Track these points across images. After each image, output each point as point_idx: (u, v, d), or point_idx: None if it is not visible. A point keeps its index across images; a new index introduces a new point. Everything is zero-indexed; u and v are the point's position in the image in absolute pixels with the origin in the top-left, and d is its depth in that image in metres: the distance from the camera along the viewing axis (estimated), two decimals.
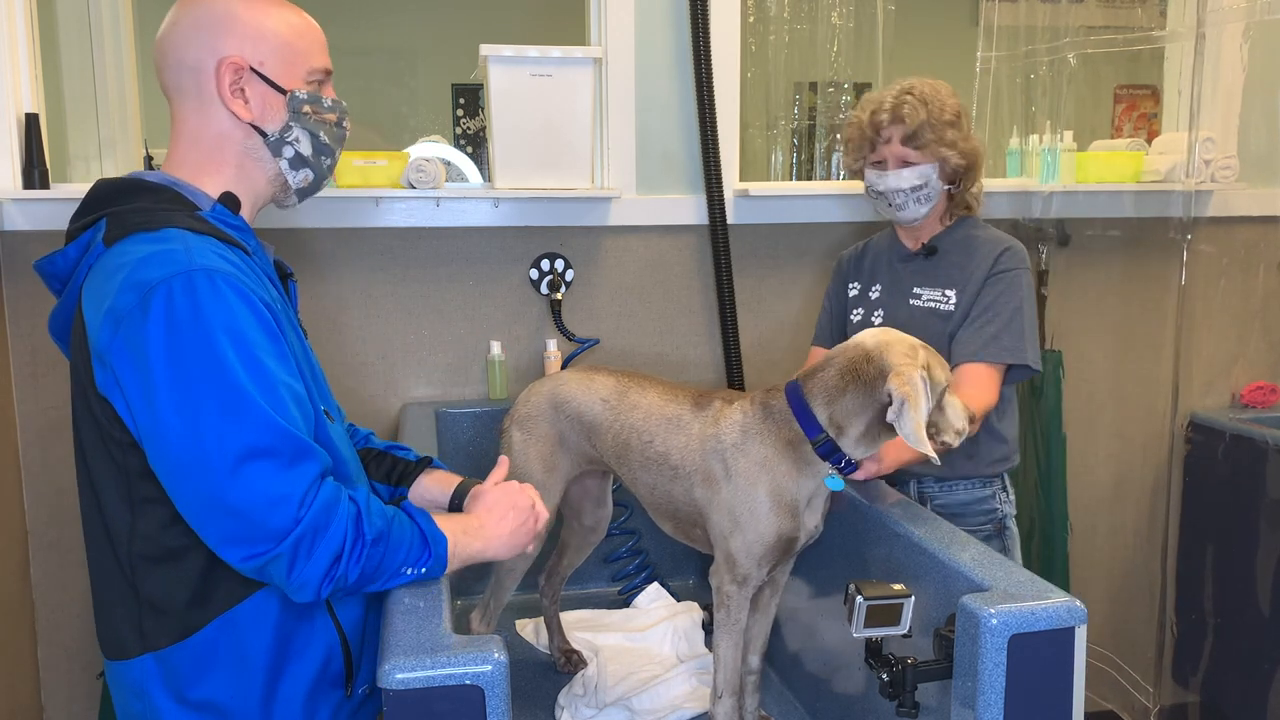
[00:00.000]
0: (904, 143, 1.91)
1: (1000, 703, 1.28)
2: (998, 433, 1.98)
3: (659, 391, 1.80)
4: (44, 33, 2.32)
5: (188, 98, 1.32)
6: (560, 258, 2.52)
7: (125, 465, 1.23)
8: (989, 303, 1.91)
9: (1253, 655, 2.56)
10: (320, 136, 1.38)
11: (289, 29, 1.33)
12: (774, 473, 1.61)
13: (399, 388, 2.50)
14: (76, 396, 1.27)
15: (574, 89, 2.32)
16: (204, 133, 1.32)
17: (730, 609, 1.68)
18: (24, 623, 2.34)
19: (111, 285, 1.19)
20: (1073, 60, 2.64)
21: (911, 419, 1.48)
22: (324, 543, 1.18)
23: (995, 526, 2.00)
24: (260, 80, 1.31)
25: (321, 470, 1.21)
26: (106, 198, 1.29)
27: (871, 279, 2.09)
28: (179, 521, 1.22)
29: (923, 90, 1.92)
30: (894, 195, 1.94)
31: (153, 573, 1.25)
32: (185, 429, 1.14)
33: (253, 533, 1.16)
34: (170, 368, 1.14)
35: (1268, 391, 2.83)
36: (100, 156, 2.69)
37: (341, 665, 1.35)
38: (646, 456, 1.75)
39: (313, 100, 1.36)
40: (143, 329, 1.15)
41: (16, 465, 2.32)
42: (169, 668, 1.26)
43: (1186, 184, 2.59)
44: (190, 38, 1.30)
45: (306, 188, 1.41)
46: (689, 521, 1.74)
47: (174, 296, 1.15)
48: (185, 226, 1.23)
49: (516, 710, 1.89)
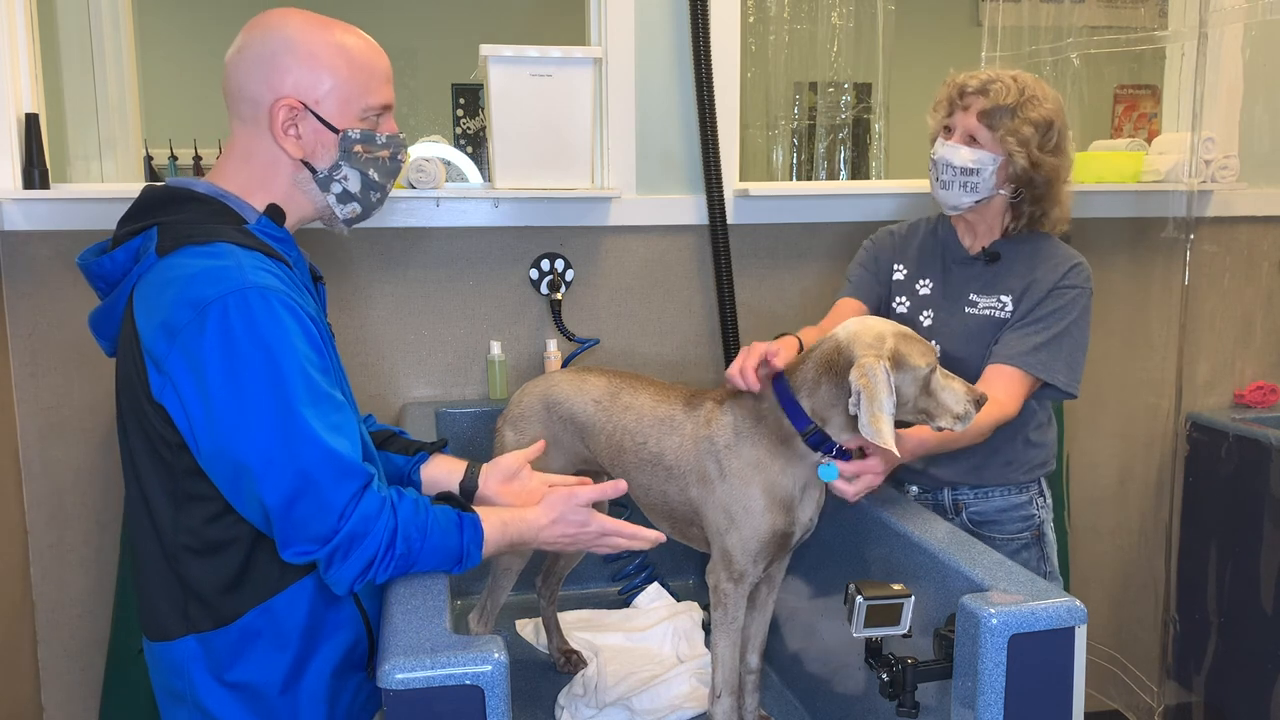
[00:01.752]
0: (979, 117, 1.81)
1: (1000, 703, 1.28)
2: (1033, 440, 1.92)
3: (651, 392, 1.79)
4: (44, 33, 2.32)
5: (245, 122, 1.36)
6: (560, 258, 2.52)
7: (173, 464, 1.29)
8: (1044, 314, 1.83)
9: (1255, 654, 2.56)
10: (370, 174, 1.41)
11: (348, 65, 1.35)
12: (767, 470, 1.61)
13: (399, 388, 2.50)
14: (125, 397, 1.32)
15: (574, 89, 2.32)
16: (256, 155, 1.37)
17: (727, 607, 1.68)
18: (24, 623, 2.34)
19: (165, 298, 1.24)
20: (1075, 60, 2.64)
21: (867, 410, 1.48)
22: (358, 552, 1.27)
23: (1033, 534, 1.95)
24: (314, 118, 1.35)
25: (363, 484, 1.28)
26: (156, 205, 1.34)
27: (919, 270, 1.99)
28: (221, 518, 1.31)
29: (1026, 82, 1.83)
30: (943, 168, 1.85)
31: (196, 563, 1.32)
32: (241, 440, 1.22)
33: (299, 535, 1.25)
34: (227, 381, 1.21)
35: (1269, 391, 2.83)
36: (100, 156, 2.69)
37: (365, 649, 1.43)
38: (641, 457, 1.75)
39: (365, 139, 1.39)
40: (199, 343, 1.21)
41: (16, 465, 2.32)
42: (210, 650, 1.34)
43: (1187, 184, 2.59)
44: (252, 70, 1.33)
45: (354, 219, 1.46)
46: (685, 521, 1.74)
47: (229, 314, 1.21)
48: (234, 241, 1.29)
49: (516, 710, 1.89)
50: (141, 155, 2.69)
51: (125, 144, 2.76)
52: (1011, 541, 1.93)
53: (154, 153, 4.35)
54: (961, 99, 1.85)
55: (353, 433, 1.30)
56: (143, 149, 2.75)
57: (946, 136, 1.87)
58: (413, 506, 1.33)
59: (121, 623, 2.27)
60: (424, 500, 1.36)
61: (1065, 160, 1.87)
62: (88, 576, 2.39)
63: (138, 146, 2.81)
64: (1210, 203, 2.74)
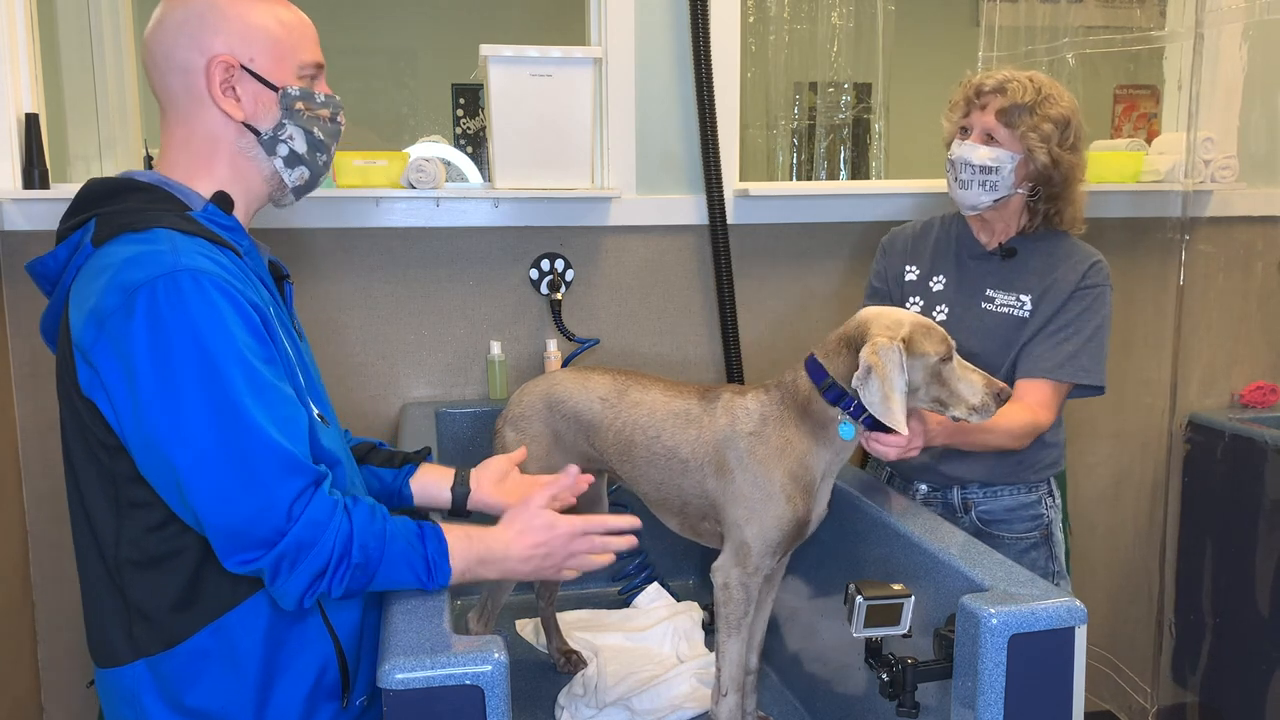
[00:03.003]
0: (997, 115, 1.82)
1: (1000, 703, 1.28)
2: (1046, 440, 1.93)
3: (661, 388, 1.80)
4: (44, 33, 2.32)
5: (178, 98, 1.29)
6: (560, 258, 2.52)
7: (112, 469, 1.21)
8: (1071, 318, 1.83)
9: (1251, 655, 2.56)
10: (314, 133, 1.35)
11: (277, 23, 1.31)
12: (794, 451, 1.62)
13: (399, 388, 2.50)
14: (62, 399, 1.25)
15: (574, 89, 2.32)
16: (196, 133, 1.30)
17: (737, 603, 1.68)
18: (24, 623, 2.34)
19: (96, 286, 1.17)
20: (1072, 60, 2.64)
21: (876, 388, 1.50)
22: (307, 560, 1.17)
23: (1041, 533, 1.95)
24: (251, 78, 1.29)
25: (311, 481, 1.19)
26: (97, 198, 1.28)
27: (933, 268, 1.99)
28: (166, 526, 1.22)
29: (1042, 82, 1.84)
30: (962, 167, 1.85)
31: (140, 579, 1.24)
32: (171, 434, 1.14)
33: (241, 540, 1.16)
34: (155, 369, 1.13)
35: (1267, 391, 2.83)
36: (100, 156, 2.69)
37: (337, 675, 1.33)
38: (653, 452, 1.75)
39: (305, 96, 1.33)
40: (127, 330, 1.14)
41: (16, 465, 2.32)
42: (161, 674, 1.25)
43: (1186, 184, 2.59)
44: (177, 37, 1.28)
45: (303, 185, 1.39)
46: (698, 515, 1.74)
47: (157, 297, 1.14)
48: (174, 227, 1.22)
49: (516, 710, 1.89)
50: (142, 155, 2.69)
51: (125, 144, 2.76)
52: (1020, 541, 1.93)
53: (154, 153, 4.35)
54: (979, 98, 1.86)
55: (301, 430, 1.21)
56: (143, 149, 2.74)
57: (963, 137, 1.88)
58: (369, 512, 1.24)
59: None
60: (381, 508, 1.27)
61: (1081, 160, 1.89)
62: None
63: (138, 146, 2.81)
64: (1209, 203, 2.75)
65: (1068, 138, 1.84)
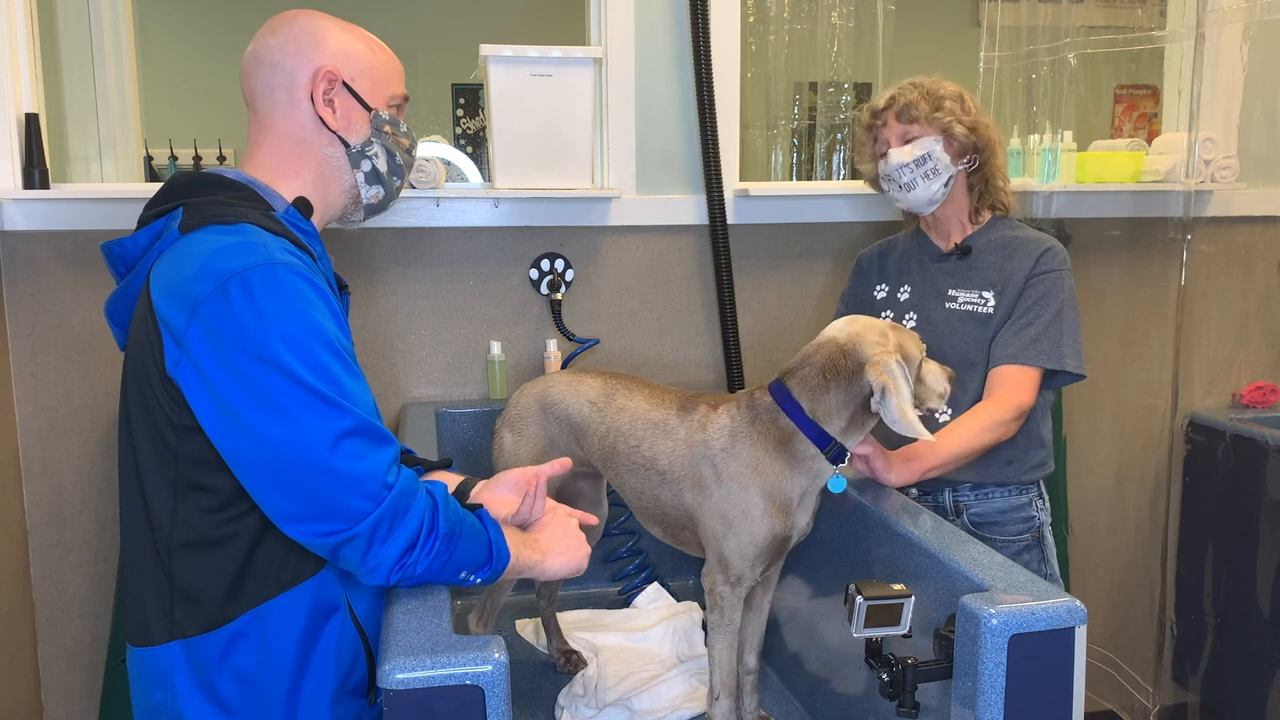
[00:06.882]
0: (899, 119, 1.91)
1: (1000, 703, 1.28)
2: (1037, 437, 1.94)
3: (645, 395, 1.78)
4: (44, 33, 2.32)
5: (277, 100, 1.36)
6: (560, 258, 2.52)
7: (177, 450, 1.25)
8: (1029, 304, 1.87)
9: (1252, 655, 2.56)
10: (396, 157, 1.44)
11: (376, 56, 1.42)
12: (766, 474, 1.61)
13: (399, 388, 2.50)
14: (133, 381, 1.28)
15: (574, 89, 2.32)
16: (288, 136, 1.37)
17: (724, 610, 1.68)
18: (24, 623, 2.34)
19: (185, 271, 1.21)
20: (1073, 60, 2.64)
21: (895, 405, 1.51)
22: (401, 528, 1.20)
23: (1034, 535, 1.96)
24: (349, 94, 1.38)
25: (397, 454, 1.24)
26: (184, 189, 1.33)
27: (899, 280, 2.05)
28: (221, 511, 1.26)
29: (919, 79, 1.94)
30: (900, 174, 1.91)
31: (190, 561, 1.27)
32: (274, 412, 1.16)
33: (333, 510, 1.18)
34: (258, 353, 1.17)
35: (1268, 391, 2.83)
36: (100, 156, 2.69)
37: (365, 673, 1.36)
38: (634, 461, 1.74)
39: (393, 122, 1.43)
40: (224, 315, 1.17)
41: (16, 465, 2.32)
42: (195, 657, 1.27)
43: (1186, 184, 2.59)
44: (287, 46, 1.37)
45: (375, 205, 1.46)
46: (678, 525, 1.74)
47: (254, 285, 1.18)
48: (259, 224, 1.27)
49: (516, 710, 1.89)
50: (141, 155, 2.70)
51: (125, 144, 2.76)
52: (1012, 544, 1.93)
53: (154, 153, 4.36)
54: (877, 119, 1.96)
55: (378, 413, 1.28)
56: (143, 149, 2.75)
57: (884, 155, 1.94)
58: (442, 490, 1.27)
59: (122, 623, 2.27)
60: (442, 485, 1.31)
61: (993, 123, 1.97)
62: (88, 576, 2.39)
63: (138, 146, 2.81)
64: (1210, 203, 2.75)
65: (969, 108, 1.92)
